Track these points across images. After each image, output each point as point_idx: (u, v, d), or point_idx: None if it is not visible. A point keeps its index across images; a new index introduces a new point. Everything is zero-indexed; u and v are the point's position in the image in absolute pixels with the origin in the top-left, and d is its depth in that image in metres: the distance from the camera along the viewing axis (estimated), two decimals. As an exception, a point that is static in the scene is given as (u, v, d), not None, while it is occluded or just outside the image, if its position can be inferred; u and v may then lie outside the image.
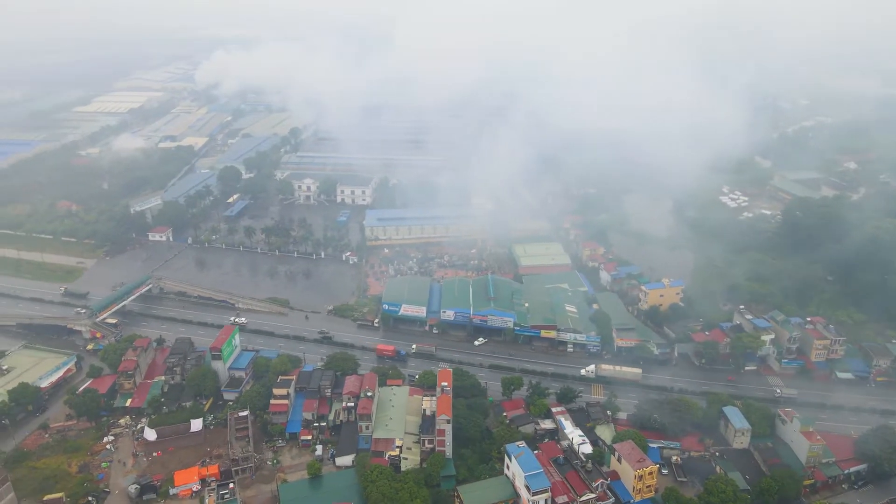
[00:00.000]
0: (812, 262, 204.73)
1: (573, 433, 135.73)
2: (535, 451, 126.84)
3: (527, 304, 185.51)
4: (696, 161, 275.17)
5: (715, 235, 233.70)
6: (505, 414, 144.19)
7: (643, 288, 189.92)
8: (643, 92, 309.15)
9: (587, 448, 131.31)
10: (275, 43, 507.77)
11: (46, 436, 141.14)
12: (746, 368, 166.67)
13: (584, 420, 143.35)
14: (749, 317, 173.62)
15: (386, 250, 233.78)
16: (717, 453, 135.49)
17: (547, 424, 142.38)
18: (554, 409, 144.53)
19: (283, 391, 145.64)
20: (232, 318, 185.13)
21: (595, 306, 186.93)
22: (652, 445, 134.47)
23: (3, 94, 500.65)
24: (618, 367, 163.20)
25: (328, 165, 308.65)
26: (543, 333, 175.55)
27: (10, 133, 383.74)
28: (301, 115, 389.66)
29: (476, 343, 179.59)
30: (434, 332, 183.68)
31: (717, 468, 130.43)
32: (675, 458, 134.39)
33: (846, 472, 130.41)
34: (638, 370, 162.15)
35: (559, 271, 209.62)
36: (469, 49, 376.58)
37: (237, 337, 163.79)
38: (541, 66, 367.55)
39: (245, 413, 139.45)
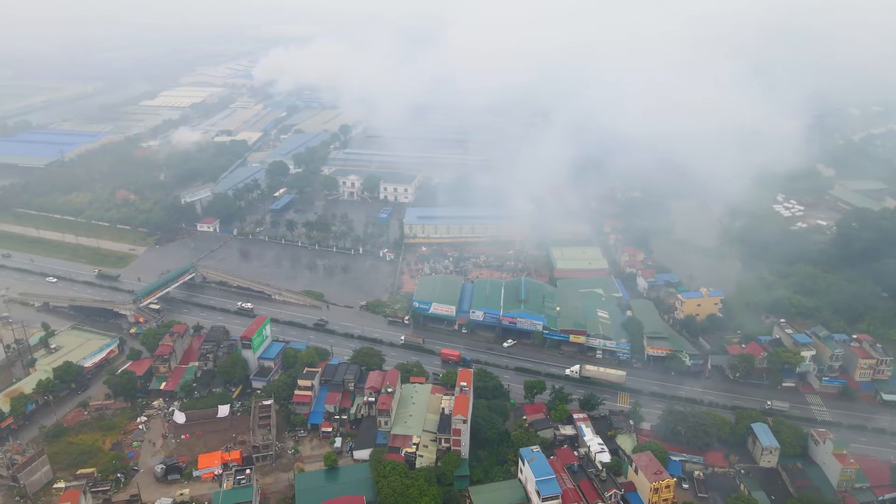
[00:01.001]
0: (866, 277, 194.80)
1: (592, 441, 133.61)
2: (551, 457, 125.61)
3: (558, 308, 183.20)
4: (750, 167, 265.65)
5: (764, 246, 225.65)
6: (525, 417, 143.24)
7: (679, 296, 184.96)
8: (695, 94, 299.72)
9: (605, 457, 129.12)
10: (329, 41, 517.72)
11: (85, 413, 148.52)
12: (784, 385, 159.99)
13: (606, 428, 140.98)
14: (789, 331, 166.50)
15: (423, 248, 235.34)
16: (743, 471, 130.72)
17: (567, 430, 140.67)
18: (576, 416, 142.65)
19: (307, 383, 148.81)
20: (238, 304, 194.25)
21: (629, 313, 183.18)
22: (674, 458, 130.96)
23: (77, 87, 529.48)
24: (601, 369, 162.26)
25: (374, 162, 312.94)
26: (572, 338, 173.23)
27: (80, 125, 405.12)
28: (352, 112, 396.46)
29: (505, 345, 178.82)
30: (463, 331, 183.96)
31: (741, 486, 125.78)
32: (697, 472, 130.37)
33: (880, 498, 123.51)
34: (622, 373, 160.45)
35: (595, 276, 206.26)
36: (515, 49, 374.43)
37: (268, 327, 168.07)
38: (587, 67, 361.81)
39: (269, 402, 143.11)
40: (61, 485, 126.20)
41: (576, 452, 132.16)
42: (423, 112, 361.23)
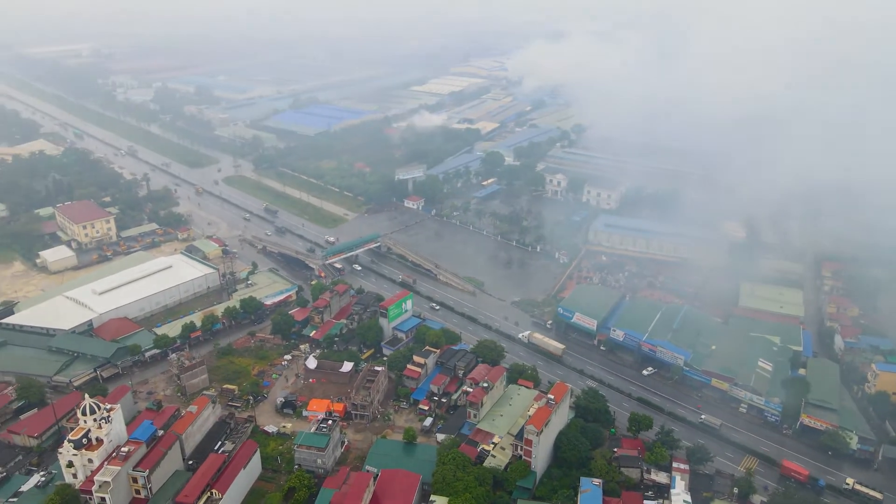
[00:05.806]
0: None
1: (679, 496, 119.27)
2: (615, 497, 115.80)
3: (713, 347, 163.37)
4: None
5: None
6: (616, 450, 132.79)
7: (874, 367, 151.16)
8: None
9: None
10: (585, 40, 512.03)
11: (251, 342, 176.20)
12: None
13: (705, 488, 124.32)
14: None
15: (603, 257, 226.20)
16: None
17: (659, 477, 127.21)
18: (676, 464, 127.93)
19: (420, 360, 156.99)
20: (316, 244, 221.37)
21: (801, 371, 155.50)
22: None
23: (368, 71, 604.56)
24: (545, 339, 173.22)
25: (589, 163, 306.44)
26: (714, 382, 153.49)
27: (355, 103, 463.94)
28: (588, 111, 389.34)
29: (644, 372, 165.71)
30: (602, 349, 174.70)
31: None
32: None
33: None
34: (560, 345, 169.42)
35: (781, 322, 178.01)
36: (766, 60, 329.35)
37: (409, 302, 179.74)
38: (856, 81, 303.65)
39: (379, 368, 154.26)
40: (211, 392, 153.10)
41: (650, 503, 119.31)
42: (656, 117, 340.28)
